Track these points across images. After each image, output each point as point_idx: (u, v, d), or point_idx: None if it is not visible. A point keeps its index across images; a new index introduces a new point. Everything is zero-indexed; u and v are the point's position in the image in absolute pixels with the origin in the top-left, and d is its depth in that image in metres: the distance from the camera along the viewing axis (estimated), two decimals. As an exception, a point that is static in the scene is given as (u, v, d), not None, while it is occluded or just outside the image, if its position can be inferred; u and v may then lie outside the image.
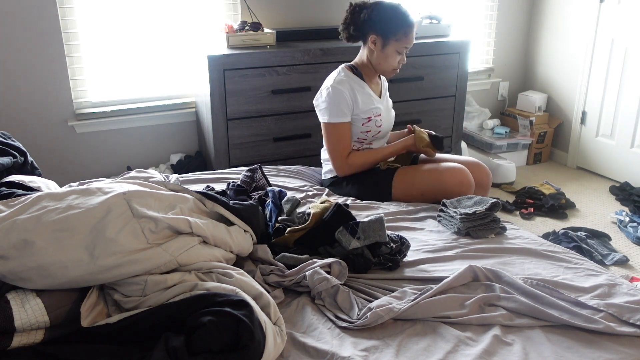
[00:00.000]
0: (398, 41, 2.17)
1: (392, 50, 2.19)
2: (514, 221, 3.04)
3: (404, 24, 2.15)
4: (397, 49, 2.18)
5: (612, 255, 2.73)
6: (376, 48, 2.20)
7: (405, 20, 2.15)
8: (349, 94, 2.19)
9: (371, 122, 2.25)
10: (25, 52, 2.80)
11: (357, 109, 2.22)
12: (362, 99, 2.23)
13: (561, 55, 3.95)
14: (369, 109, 2.24)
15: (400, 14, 2.16)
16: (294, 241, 1.68)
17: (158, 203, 1.43)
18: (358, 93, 2.22)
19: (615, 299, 1.47)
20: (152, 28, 3.08)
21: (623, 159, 3.63)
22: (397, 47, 2.18)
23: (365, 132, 2.26)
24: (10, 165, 1.81)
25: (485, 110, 4.05)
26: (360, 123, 2.25)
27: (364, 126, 2.25)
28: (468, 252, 1.74)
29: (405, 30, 2.15)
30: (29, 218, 1.30)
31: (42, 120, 2.94)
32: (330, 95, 2.19)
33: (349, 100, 2.20)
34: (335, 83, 2.20)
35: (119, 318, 1.23)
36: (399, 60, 2.22)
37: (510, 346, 1.30)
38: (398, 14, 2.15)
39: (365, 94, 2.24)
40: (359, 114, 2.23)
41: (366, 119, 2.24)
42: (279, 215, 1.80)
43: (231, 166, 2.89)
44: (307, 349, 1.28)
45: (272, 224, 1.74)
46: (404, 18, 2.15)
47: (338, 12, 3.42)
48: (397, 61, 2.22)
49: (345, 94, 2.19)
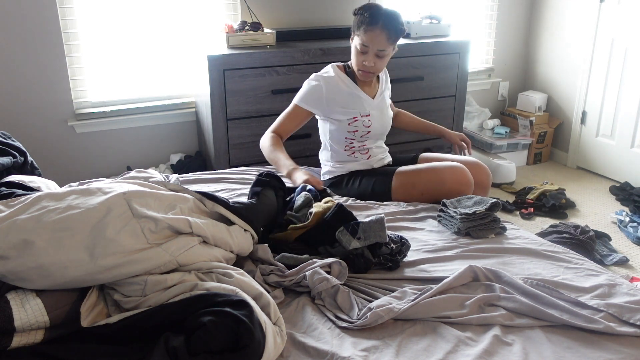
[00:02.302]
0: (358, 37, 2.16)
1: (354, 46, 2.19)
2: (514, 221, 3.04)
3: (365, 21, 2.12)
4: (357, 46, 2.17)
5: (612, 256, 2.73)
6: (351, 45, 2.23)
7: (369, 17, 2.12)
8: (325, 89, 2.22)
9: (358, 122, 2.25)
10: (25, 52, 2.80)
11: (338, 106, 2.23)
12: (344, 98, 2.23)
13: (561, 55, 3.96)
14: (355, 109, 2.24)
15: (370, 12, 2.13)
16: (295, 238, 1.68)
17: (158, 203, 1.43)
18: (340, 92, 2.23)
19: (615, 299, 1.47)
20: (152, 28, 3.08)
21: (623, 159, 3.63)
22: (356, 44, 2.17)
23: (353, 131, 2.26)
24: (10, 165, 1.81)
25: (485, 110, 4.05)
26: (346, 122, 2.25)
27: (350, 125, 2.25)
28: (468, 252, 1.74)
29: (365, 28, 2.12)
30: (29, 218, 1.30)
31: (42, 120, 2.94)
32: (310, 83, 2.25)
33: (322, 97, 2.22)
34: (320, 76, 2.25)
35: (119, 318, 1.23)
36: (362, 60, 2.17)
37: (510, 346, 1.30)
38: (368, 11, 2.14)
39: (351, 94, 2.25)
40: (342, 112, 2.23)
41: (351, 119, 2.24)
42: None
43: (231, 166, 2.89)
44: (307, 349, 1.28)
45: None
46: (370, 16, 2.12)
47: (338, 12, 3.42)
48: (360, 60, 2.18)
49: (322, 87, 2.22)
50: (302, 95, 2.27)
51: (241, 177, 2.37)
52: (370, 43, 2.13)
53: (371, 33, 2.12)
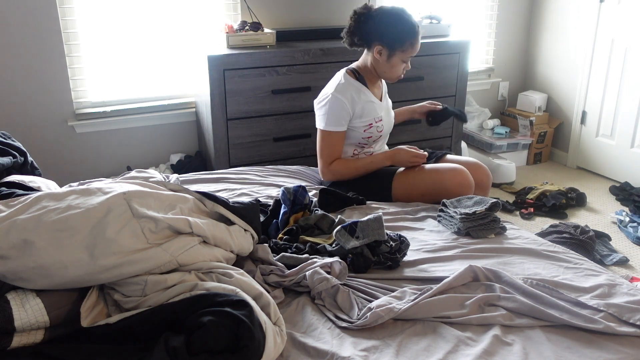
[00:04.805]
0: (404, 52, 2.15)
1: (397, 60, 2.17)
2: (514, 221, 3.04)
3: (410, 35, 2.12)
4: (403, 59, 2.17)
5: (612, 256, 2.73)
6: (381, 58, 2.17)
7: (411, 30, 2.12)
8: (348, 104, 2.18)
9: (372, 128, 2.25)
10: (25, 52, 2.80)
11: (357, 117, 2.22)
12: (362, 107, 2.22)
13: (561, 55, 3.96)
14: (370, 116, 2.23)
15: (406, 25, 2.12)
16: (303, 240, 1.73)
17: (158, 203, 1.43)
18: (359, 101, 2.21)
19: (615, 299, 1.47)
20: (152, 28, 3.08)
21: (623, 159, 3.63)
22: (403, 57, 2.17)
23: (367, 137, 2.26)
24: (10, 165, 1.81)
25: (485, 110, 4.05)
26: (362, 130, 2.24)
27: (365, 132, 2.25)
28: (468, 252, 1.74)
29: (412, 41, 2.13)
30: (29, 218, 1.30)
31: (42, 120, 2.94)
32: (330, 103, 2.17)
33: (348, 110, 2.19)
34: (336, 92, 2.18)
35: (119, 318, 1.23)
36: (404, 67, 2.21)
37: (510, 346, 1.30)
38: (404, 24, 2.11)
39: (366, 101, 2.23)
40: (360, 122, 2.23)
41: (367, 125, 2.24)
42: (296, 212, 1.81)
43: (231, 166, 2.89)
44: (307, 349, 1.28)
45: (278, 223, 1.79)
46: (410, 28, 2.12)
47: (338, 12, 3.42)
48: (402, 69, 2.21)
49: (345, 104, 2.17)
50: (330, 120, 2.19)
51: (241, 177, 2.37)
52: (415, 52, 2.17)
53: (417, 42, 2.16)
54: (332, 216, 1.83)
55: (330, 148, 2.22)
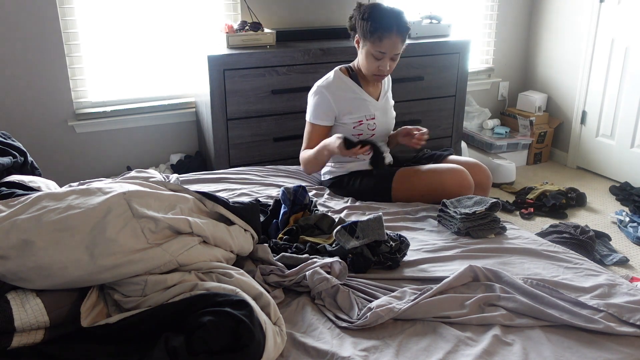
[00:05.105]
0: (373, 45, 2.12)
1: (368, 52, 2.15)
2: (514, 221, 3.04)
3: (379, 28, 2.07)
4: (372, 53, 2.13)
5: (612, 256, 2.73)
6: (358, 49, 2.21)
7: (385, 26, 2.07)
8: (332, 100, 2.20)
9: (363, 125, 2.25)
10: (26, 52, 2.80)
11: (346, 113, 2.23)
12: (350, 104, 2.23)
13: (561, 55, 3.96)
14: (360, 113, 2.24)
15: (380, 17, 2.08)
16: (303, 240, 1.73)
17: (158, 203, 1.43)
18: (346, 98, 2.22)
19: (615, 299, 1.47)
20: (152, 28, 3.08)
21: (623, 159, 3.63)
22: (371, 51, 2.13)
23: (357, 135, 2.26)
24: (10, 165, 1.81)
25: (485, 110, 4.05)
26: (351, 126, 2.25)
27: (354, 129, 2.25)
28: (468, 252, 1.74)
29: (380, 35, 2.08)
30: (29, 218, 1.30)
31: (42, 120, 2.94)
32: (315, 97, 2.23)
33: (332, 106, 2.21)
34: (321, 87, 2.23)
35: (119, 318, 1.23)
36: (377, 65, 2.16)
37: (510, 346, 1.30)
38: (378, 16, 2.09)
39: (356, 98, 2.24)
40: (349, 118, 2.24)
41: (357, 122, 2.25)
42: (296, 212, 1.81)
43: (231, 166, 2.89)
44: (307, 349, 1.28)
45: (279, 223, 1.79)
46: (384, 23, 2.07)
47: (338, 12, 3.42)
48: (375, 66, 2.16)
49: (329, 99, 2.20)
50: (313, 112, 2.25)
51: (241, 177, 2.37)
52: (387, 49, 2.11)
53: (388, 40, 2.09)
54: (332, 216, 1.83)
55: (308, 138, 2.28)
